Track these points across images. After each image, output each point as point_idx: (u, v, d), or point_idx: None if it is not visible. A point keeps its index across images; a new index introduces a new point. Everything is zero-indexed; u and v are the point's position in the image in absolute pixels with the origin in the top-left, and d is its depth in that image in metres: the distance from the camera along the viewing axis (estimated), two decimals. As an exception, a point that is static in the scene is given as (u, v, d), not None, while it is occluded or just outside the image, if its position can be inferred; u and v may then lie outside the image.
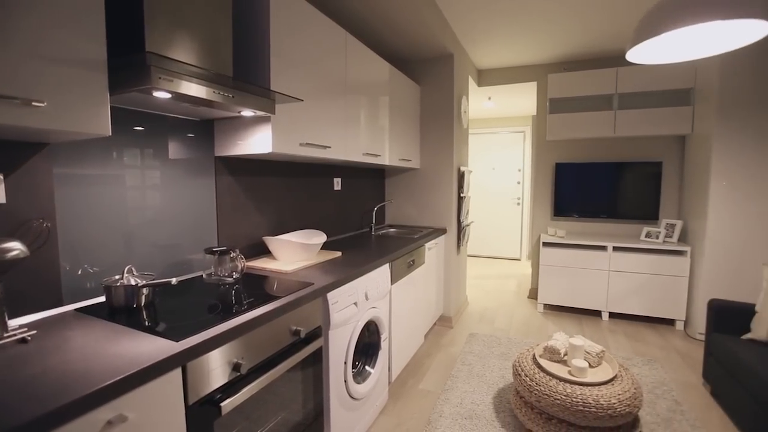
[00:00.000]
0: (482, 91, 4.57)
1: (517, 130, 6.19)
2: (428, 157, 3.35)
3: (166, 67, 1.07)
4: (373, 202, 3.30)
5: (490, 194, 6.41)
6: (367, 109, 2.44)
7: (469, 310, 3.82)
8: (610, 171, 3.78)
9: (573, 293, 3.61)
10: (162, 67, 1.06)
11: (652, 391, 2.33)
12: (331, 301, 1.55)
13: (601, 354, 1.95)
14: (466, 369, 2.59)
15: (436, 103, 3.30)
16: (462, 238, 3.52)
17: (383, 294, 2.05)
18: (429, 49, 3.09)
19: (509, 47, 3.52)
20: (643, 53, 1.69)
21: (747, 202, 2.91)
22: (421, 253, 2.70)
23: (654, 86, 3.37)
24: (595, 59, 3.81)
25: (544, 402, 1.82)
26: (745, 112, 2.87)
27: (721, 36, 1.54)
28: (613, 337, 3.16)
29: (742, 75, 2.85)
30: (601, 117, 3.54)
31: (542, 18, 2.90)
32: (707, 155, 3.05)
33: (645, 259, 3.36)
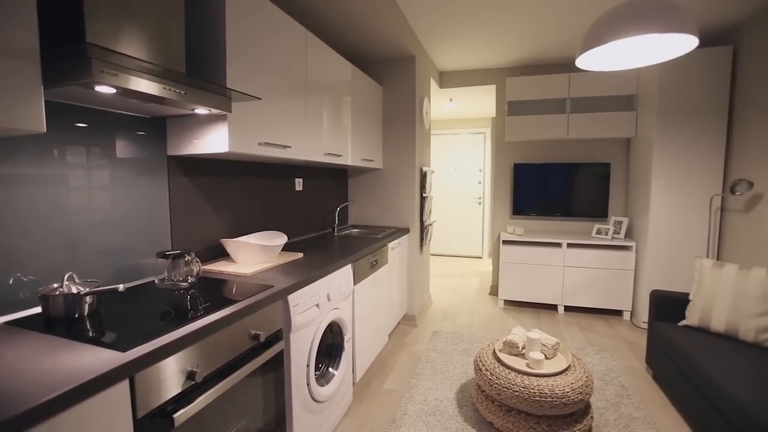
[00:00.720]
0: (444, 93, 4.66)
1: (478, 132, 6.37)
2: (391, 158, 3.38)
3: (109, 60, 1.01)
4: (335, 203, 3.28)
5: (452, 194, 6.55)
6: (329, 108, 2.42)
7: (432, 309, 3.88)
8: (564, 171, 3.97)
9: (531, 289, 3.76)
10: (105, 60, 1.00)
11: (602, 378, 2.48)
12: (292, 304, 1.52)
13: (556, 346, 2.05)
14: (430, 366, 2.63)
15: (398, 104, 3.33)
16: (425, 237, 3.58)
17: (346, 295, 2.05)
18: (391, 50, 3.11)
19: (469, 50, 3.61)
20: (590, 61, 1.79)
21: (683, 200, 3.16)
22: (384, 252, 2.71)
23: (602, 92, 3.58)
24: (550, 64, 3.99)
25: (504, 394, 1.88)
26: (681, 117, 3.11)
27: (658, 47, 1.66)
28: (568, 329, 3.33)
29: (677, 84, 3.09)
30: (556, 120, 3.71)
31: (499, 24, 3.00)
32: (648, 157, 3.28)
33: (596, 255, 3.56)
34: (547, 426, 1.84)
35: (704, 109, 3.06)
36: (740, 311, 2.13)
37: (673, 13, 1.43)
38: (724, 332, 2.17)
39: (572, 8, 2.73)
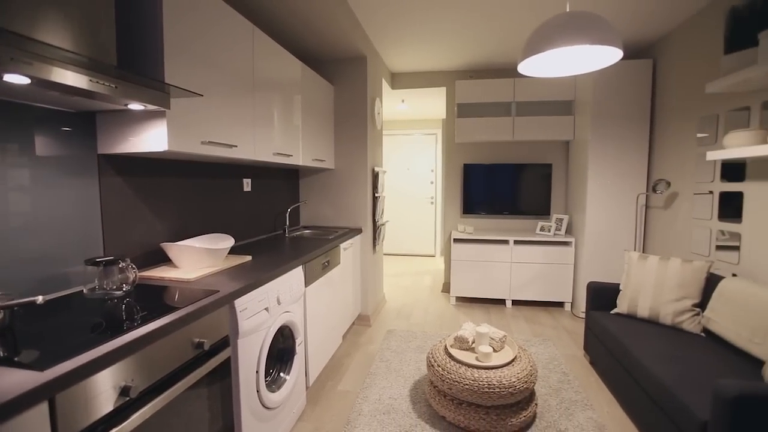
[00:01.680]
0: (396, 94, 4.71)
1: (430, 132, 6.51)
2: (343, 158, 3.36)
3: (22, 48, 0.91)
4: (286, 203, 3.21)
5: (405, 194, 6.65)
6: (279, 107, 2.36)
7: (386, 308, 3.92)
8: (511, 172, 4.17)
9: (481, 285, 3.91)
10: (17, 47, 0.90)
11: (545, 367, 2.63)
12: (239, 309, 1.46)
13: (503, 339, 2.14)
14: (384, 365, 2.65)
15: (350, 104, 3.32)
16: (378, 237, 3.60)
17: (297, 297, 2.00)
18: (343, 50, 3.09)
19: (420, 53, 3.68)
20: (530, 67, 1.89)
21: (614, 199, 3.43)
22: (336, 253, 2.69)
23: (544, 96, 3.80)
24: (497, 69, 4.17)
25: (455, 388, 1.94)
26: (612, 122, 3.38)
27: (589, 57, 1.79)
28: (515, 322, 3.50)
29: (608, 91, 3.36)
30: (502, 122, 3.88)
31: (448, 29, 3.08)
32: (585, 158, 3.53)
33: (540, 251, 3.77)
34: (495, 416, 1.92)
35: (631, 115, 3.35)
36: (661, 298, 2.35)
37: (601, 27, 1.55)
38: (648, 317, 2.39)
39: (515, 17, 2.86)
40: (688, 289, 2.29)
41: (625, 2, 2.63)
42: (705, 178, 2.65)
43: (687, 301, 2.27)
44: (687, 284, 2.30)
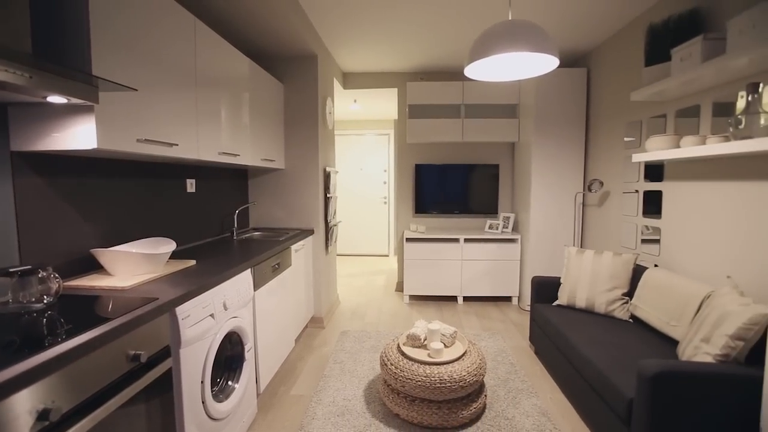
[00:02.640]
0: (348, 94, 4.69)
1: (383, 133, 6.56)
2: (293, 158, 3.29)
3: None
4: (234, 205, 3.08)
5: (358, 194, 6.64)
6: (225, 105, 2.26)
7: (340, 309, 3.89)
8: (461, 172, 4.30)
9: (433, 283, 4.00)
10: None
11: (494, 359, 2.74)
12: (181, 316, 1.38)
13: (454, 334, 2.20)
14: (338, 367, 2.63)
15: (300, 103, 3.25)
16: (330, 238, 3.56)
17: (245, 302, 1.93)
18: (293, 48, 3.02)
19: (372, 53, 3.69)
20: (476, 71, 1.96)
21: (555, 197, 3.66)
22: (287, 255, 2.63)
23: (491, 100, 3.97)
24: (447, 72, 4.28)
25: (408, 385, 1.97)
26: (553, 125, 3.60)
27: (529, 64, 1.89)
28: (466, 318, 3.61)
29: (549, 96, 3.57)
30: (452, 124, 4.00)
31: (399, 31, 3.12)
32: (528, 159, 3.73)
33: (489, 248, 3.93)
34: (447, 409, 1.97)
35: (569, 119, 3.59)
36: (595, 289, 2.54)
37: (539, 36, 1.64)
38: (585, 307, 2.58)
39: (461, 23, 2.96)
40: (619, 280, 2.49)
41: (562, 15, 2.81)
42: (632, 178, 2.89)
43: (618, 291, 2.48)
44: (617, 275, 2.50)
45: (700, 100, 2.23)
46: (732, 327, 1.55)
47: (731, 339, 1.54)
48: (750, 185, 1.91)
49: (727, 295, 1.69)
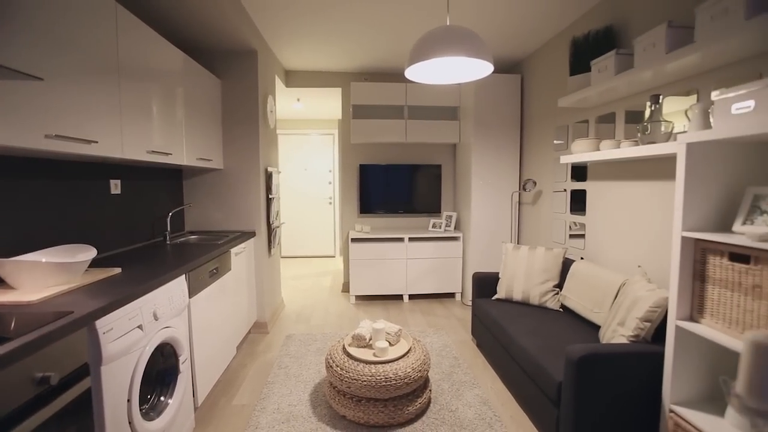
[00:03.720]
0: (291, 92, 4.58)
1: (327, 133, 6.49)
2: (233, 157, 3.14)
3: None
4: (167, 207, 2.88)
5: (303, 195, 6.52)
6: (155, 100, 2.10)
7: (285, 312, 3.79)
8: (405, 172, 4.38)
9: (379, 282, 4.03)
10: None
11: (439, 354, 2.82)
12: (101, 330, 1.26)
13: (398, 332, 2.23)
14: (283, 372, 2.56)
15: (240, 100, 3.12)
16: (273, 239, 3.46)
17: (180, 310, 1.81)
18: (230, 42, 2.89)
19: (315, 52, 3.64)
20: (416, 73, 2.00)
21: (494, 196, 3.85)
22: (226, 259, 2.51)
23: (433, 102, 4.08)
24: (390, 73, 4.33)
25: (354, 386, 1.96)
26: (491, 128, 3.78)
27: (466, 69, 1.97)
28: (412, 315, 3.68)
29: (487, 100, 3.75)
30: (396, 125, 4.05)
31: (342, 30, 3.10)
32: (469, 160, 3.88)
33: (432, 246, 4.04)
34: (393, 407, 2.00)
35: (506, 122, 3.79)
36: (530, 282, 2.71)
37: (474, 42, 1.72)
38: (521, 300, 2.74)
39: (402, 25, 3.01)
40: (550, 273, 2.68)
41: (497, 23, 2.96)
42: (561, 178, 3.13)
43: (549, 283, 2.66)
44: (549, 269, 2.69)
45: (616, 108, 2.47)
46: (641, 310, 1.73)
47: (640, 321, 1.72)
48: (655, 184, 2.15)
49: (638, 283, 1.88)
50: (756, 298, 1.24)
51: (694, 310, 1.48)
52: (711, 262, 1.40)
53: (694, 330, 1.44)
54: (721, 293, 1.36)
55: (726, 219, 1.48)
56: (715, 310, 1.39)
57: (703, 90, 1.84)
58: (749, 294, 1.26)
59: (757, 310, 1.23)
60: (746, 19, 1.40)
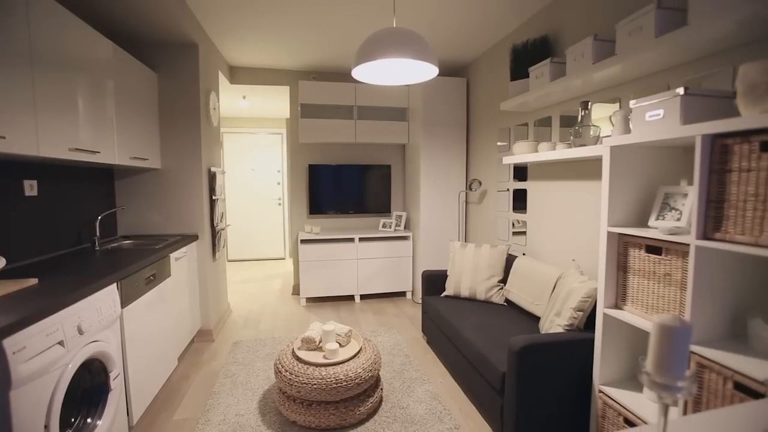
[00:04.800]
0: (236, 89, 4.40)
1: (276, 132, 6.32)
2: (172, 156, 2.96)
3: None
4: (96, 210, 2.64)
5: (251, 196, 6.29)
6: (80, 92, 1.91)
7: (232, 318, 3.63)
8: (355, 172, 4.37)
9: (330, 283, 3.99)
10: None
11: (390, 352, 2.85)
12: (11, 350, 1.12)
13: (349, 333, 2.23)
14: (230, 381, 2.45)
15: (179, 96, 2.94)
16: (218, 243, 3.30)
17: (110, 321, 1.67)
18: (167, 34, 2.71)
19: (262, 49, 3.52)
20: (363, 74, 2.00)
21: (442, 196, 3.95)
22: (165, 265, 2.35)
23: (382, 103, 4.11)
24: (340, 73, 4.30)
25: (304, 390, 1.92)
26: (439, 129, 3.88)
27: (412, 70, 2.01)
28: (363, 316, 3.69)
29: (435, 102, 3.84)
30: (345, 125, 4.03)
31: (288, 28, 3.02)
32: (417, 160, 3.96)
33: (383, 246, 4.07)
34: (345, 408, 1.98)
35: (453, 124, 3.91)
36: (476, 278, 2.82)
37: (420, 45, 1.75)
38: (469, 296, 2.84)
39: (351, 25, 3.00)
40: (495, 269, 2.81)
41: (442, 27, 3.05)
42: (504, 178, 3.28)
43: (494, 279, 2.78)
44: (494, 265, 2.81)
45: (552, 112, 2.64)
46: (574, 301, 1.86)
47: (574, 311, 1.85)
48: (587, 184, 2.33)
49: (572, 276, 2.03)
50: (667, 285, 1.38)
51: (619, 299, 1.62)
52: (631, 254, 1.54)
53: (618, 316, 1.57)
54: (640, 282, 1.50)
55: (644, 215, 1.64)
56: (635, 297, 1.53)
57: (624, 98, 2.02)
58: (662, 282, 1.40)
59: (668, 296, 1.38)
60: (656, 36, 1.56)
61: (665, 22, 1.57)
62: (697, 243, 1.23)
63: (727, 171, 1.16)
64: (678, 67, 1.72)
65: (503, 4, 2.66)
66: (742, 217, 1.12)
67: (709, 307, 1.28)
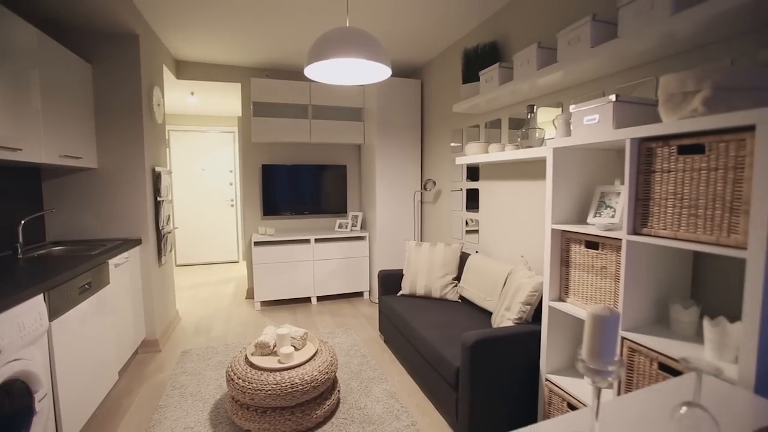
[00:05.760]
0: (183, 85, 4.18)
1: (228, 130, 6.08)
2: (110, 155, 2.75)
3: None
4: (19, 214, 2.39)
5: (202, 197, 6.01)
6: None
7: (181, 326, 3.44)
8: (311, 172, 4.30)
9: (286, 286, 3.90)
10: None
11: (347, 353, 2.84)
12: None
13: (304, 336, 2.19)
14: (178, 393, 2.32)
15: (117, 90, 2.74)
16: (164, 247, 3.12)
17: (35, 337, 1.52)
18: (103, 22, 2.51)
19: (211, 43, 3.36)
20: (316, 72, 1.98)
21: (398, 196, 3.99)
22: (102, 272, 2.18)
23: (337, 102, 4.08)
24: (294, 71, 4.21)
25: (258, 397, 1.86)
26: (394, 129, 3.91)
27: (365, 71, 2.01)
28: (320, 317, 3.64)
29: (390, 102, 3.87)
30: (300, 124, 3.96)
31: (238, 23, 2.91)
32: (373, 161, 3.97)
33: (339, 246, 4.04)
34: (301, 413, 1.95)
35: (408, 124, 3.96)
36: (432, 276, 2.88)
37: (373, 46, 1.75)
38: (424, 294, 2.89)
39: (304, 23, 2.95)
40: (449, 267, 2.88)
41: (395, 29, 3.08)
42: (457, 178, 3.38)
43: (449, 277, 2.85)
44: (448, 263, 2.88)
45: (502, 114, 2.75)
46: (523, 295, 1.95)
47: (522, 305, 1.95)
48: (533, 183, 2.45)
49: (520, 271, 2.13)
50: (603, 277, 1.49)
51: (562, 292, 1.72)
52: (573, 250, 1.65)
53: (562, 308, 1.67)
54: (580, 275, 1.60)
55: (583, 213, 1.75)
56: (576, 289, 1.63)
57: (566, 103, 2.15)
58: (599, 274, 1.51)
59: (605, 287, 1.48)
60: (591, 47, 1.68)
61: (599, 33, 1.69)
62: (628, 238, 1.33)
63: (651, 172, 1.27)
64: (612, 75, 1.86)
65: (455, 9, 2.73)
66: (664, 213, 1.23)
67: (638, 297, 1.39)
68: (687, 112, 1.13)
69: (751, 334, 0.99)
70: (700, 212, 1.13)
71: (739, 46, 1.36)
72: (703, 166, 1.12)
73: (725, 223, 1.07)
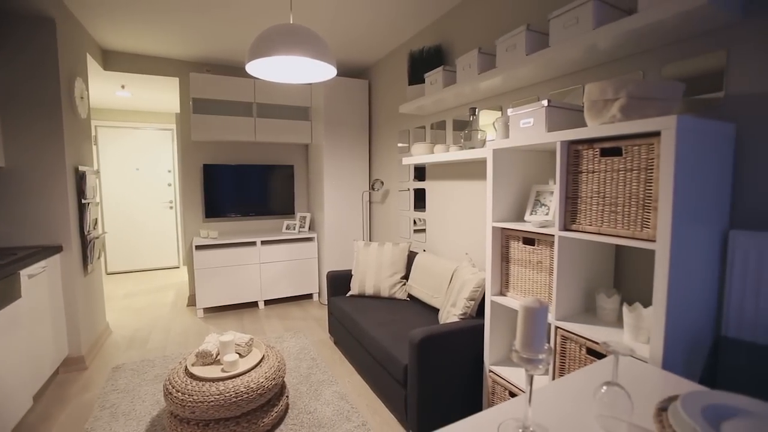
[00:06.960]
0: (112, 77, 3.85)
1: (165, 128, 5.70)
2: (21, 153, 2.46)
3: None
4: None
5: (137, 198, 5.58)
6: None
7: (113, 339, 3.17)
8: (256, 173, 4.16)
9: (231, 291, 3.74)
10: None
11: (297, 357, 2.77)
12: None
13: (250, 342, 2.11)
14: (108, 413, 2.13)
15: (30, 80, 2.46)
16: (91, 254, 2.85)
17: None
18: (3, 2, 2.24)
19: (142, 33, 3.12)
20: (258, 69, 1.91)
21: (346, 196, 3.98)
22: (12, 284, 1.95)
23: (284, 101, 3.97)
24: (237, 67, 4.04)
25: (199, 409, 1.76)
26: (342, 129, 3.89)
27: (311, 69, 1.98)
28: (268, 322, 3.53)
29: (338, 102, 3.84)
30: (244, 122, 3.81)
31: (168, 14, 2.73)
32: (321, 160, 3.92)
33: (287, 248, 3.94)
34: (247, 422, 1.87)
35: (356, 124, 3.95)
36: (380, 276, 2.90)
37: (317, 44, 1.73)
38: (373, 294, 2.90)
39: (246, 17, 2.84)
40: (398, 266, 2.92)
41: (341, 28, 3.06)
42: (405, 179, 3.43)
43: (397, 276, 2.89)
44: (396, 262, 2.92)
45: (446, 116, 2.83)
46: (467, 291, 2.03)
47: (467, 300, 2.02)
48: (476, 183, 2.55)
49: (465, 268, 2.21)
50: (539, 271, 1.59)
51: (503, 286, 1.81)
52: (512, 246, 1.74)
53: (503, 302, 1.76)
54: (519, 270, 1.70)
55: (521, 211, 1.86)
56: (515, 284, 1.73)
57: (505, 106, 2.27)
58: (535, 269, 1.61)
59: (540, 281, 1.58)
60: (526, 54, 1.78)
61: (534, 42, 1.80)
62: (560, 234, 1.43)
63: (579, 172, 1.38)
64: (546, 82, 1.99)
65: (401, 10, 2.77)
66: (590, 211, 1.33)
67: (569, 288, 1.50)
68: (607, 117, 1.24)
69: (659, 317, 1.10)
70: (619, 209, 1.24)
71: (649, 61, 1.51)
72: (621, 167, 1.24)
73: (639, 219, 1.18)
